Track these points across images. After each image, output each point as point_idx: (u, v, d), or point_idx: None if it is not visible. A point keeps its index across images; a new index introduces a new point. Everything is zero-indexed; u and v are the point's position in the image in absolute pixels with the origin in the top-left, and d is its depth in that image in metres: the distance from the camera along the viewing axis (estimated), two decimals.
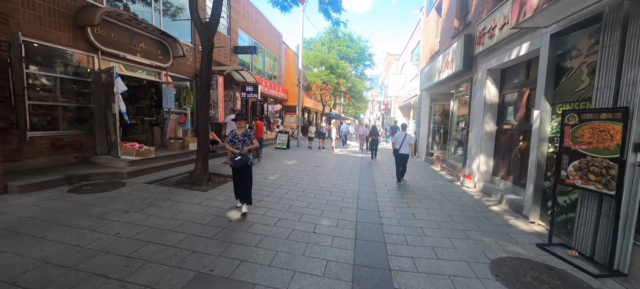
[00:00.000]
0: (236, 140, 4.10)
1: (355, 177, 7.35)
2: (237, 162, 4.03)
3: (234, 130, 4.19)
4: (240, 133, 4.12)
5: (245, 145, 4.07)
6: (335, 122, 15.36)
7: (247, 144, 4.09)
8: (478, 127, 6.35)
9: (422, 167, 9.45)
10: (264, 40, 16.62)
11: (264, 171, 7.41)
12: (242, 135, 4.11)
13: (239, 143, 4.09)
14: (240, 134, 4.12)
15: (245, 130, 4.15)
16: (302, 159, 10.04)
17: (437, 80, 9.00)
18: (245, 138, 4.10)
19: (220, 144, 9.02)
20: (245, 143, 4.08)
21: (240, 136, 4.11)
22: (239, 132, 4.14)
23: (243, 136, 4.10)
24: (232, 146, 4.10)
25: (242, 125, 4.18)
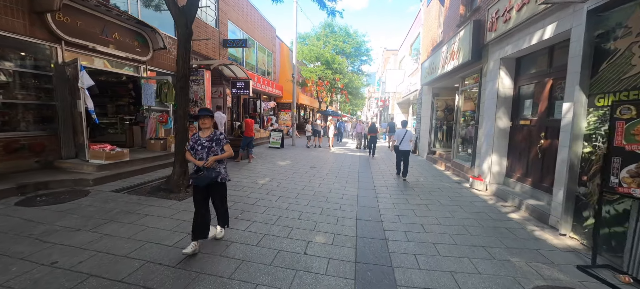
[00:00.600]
0: (198, 147, 2.93)
1: (353, 179, 6.69)
2: (200, 178, 2.82)
3: (197, 134, 3.00)
4: (206, 137, 2.95)
5: (213, 154, 2.90)
6: (331, 119, 14.69)
7: (215, 152, 2.92)
8: (489, 122, 5.72)
9: (425, 166, 8.82)
10: (256, 34, 15.84)
11: (253, 174, 6.72)
12: (208, 139, 2.94)
13: (202, 151, 2.91)
14: (205, 138, 2.95)
15: (212, 133, 2.99)
16: (296, 159, 9.36)
17: (441, 73, 8.35)
18: (211, 144, 2.93)
19: None
20: (213, 151, 2.91)
21: (205, 141, 2.94)
22: (204, 135, 2.97)
23: (209, 141, 2.93)
24: (193, 155, 2.95)
25: (206, 125, 2.96)
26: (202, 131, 3.01)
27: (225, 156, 2.99)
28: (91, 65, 6.54)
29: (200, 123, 2.95)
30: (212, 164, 2.88)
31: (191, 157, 2.97)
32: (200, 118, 2.94)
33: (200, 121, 2.94)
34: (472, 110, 7.61)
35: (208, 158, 2.89)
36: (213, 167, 2.92)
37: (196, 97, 9.41)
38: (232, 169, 7.12)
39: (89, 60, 6.42)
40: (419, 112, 12.30)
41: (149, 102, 7.68)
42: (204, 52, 10.83)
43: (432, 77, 9.39)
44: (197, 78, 9.34)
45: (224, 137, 3.04)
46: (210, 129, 3.02)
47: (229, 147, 3.04)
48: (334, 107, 39.44)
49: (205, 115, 2.95)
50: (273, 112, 18.48)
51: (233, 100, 13.58)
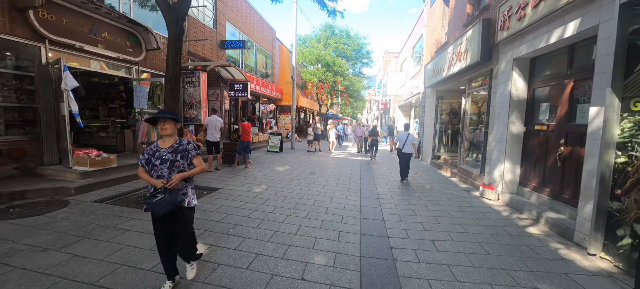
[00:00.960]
0: (157, 161, 2.16)
1: (355, 186, 6.31)
2: (159, 205, 2.08)
3: (155, 144, 2.26)
4: (167, 148, 2.20)
5: (177, 170, 2.17)
6: (332, 122, 14.32)
7: (180, 168, 2.18)
8: (501, 127, 5.35)
9: (429, 172, 8.44)
10: (255, 36, 15.55)
11: (249, 180, 6.35)
12: (170, 150, 2.19)
13: (162, 166, 2.15)
14: (165, 149, 2.19)
15: (177, 142, 2.24)
16: (295, 164, 8.99)
17: (446, 75, 8.00)
18: (175, 156, 2.18)
19: (201, 149, 7.90)
20: (177, 166, 2.17)
21: (166, 152, 2.18)
22: (164, 145, 2.22)
23: (172, 153, 2.18)
24: (148, 171, 2.20)
25: (167, 131, 2.19)
26: (162, 139, 2.24)
27: (195, 172, 2.27)
28: (81, 66, 6.21)
29: (160, 129, 2.17)
30: (176, 184, 2.11)
31: (145, 175, 2.18)
32: (158, 122, 2.17)
33: (158, 126, 2.18)
34: (480, 113, 7.26)
35: (171, 175, 2.13)
36: (177, 188, 2.15)
37: (192, 99, 9.06)
38: (228, 175, 6.75)
39: (77, 61, 6.08)
40: (422, 115, 11.94)
41: (141, 104, 7.33)
42: (200, 53, 10.50)
43: (436, 79, 9.05)
44: (192, 80, 8.99)
45: (193, 147, 2.28)
46: (174, 137, 2.25)
47: (200, 161, 2.29)
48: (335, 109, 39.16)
49: (165, 117, 2.17)
50: (272, 115, 18.15)
51: (231, 103, 13.25)
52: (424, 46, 11.97)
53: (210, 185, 5.74)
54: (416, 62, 15.38)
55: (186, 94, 9.11)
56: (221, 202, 4.67)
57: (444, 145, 9.94)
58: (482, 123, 7.39)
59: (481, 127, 6.97)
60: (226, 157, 8.19)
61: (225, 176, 6.63)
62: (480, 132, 7.14)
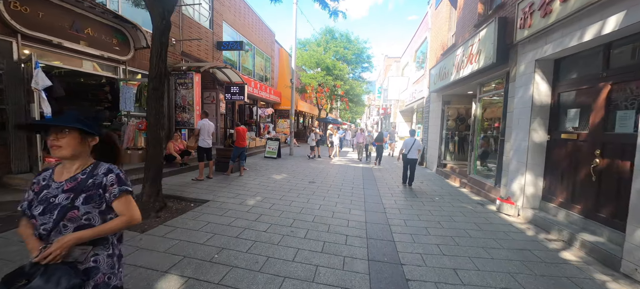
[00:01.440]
0: (41, 205, 1.19)
1: (359, 197, 5.77)
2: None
3: (50, 171, 1.31)
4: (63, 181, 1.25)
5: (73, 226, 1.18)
6: (332, 127, 13.82)
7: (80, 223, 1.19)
8: (521, 135, 4.85)
9: (436, 182, 7.92)
10: (253, 38, 15.11)
11: (243, 191, 5.79)
12: (69, 186, 1.23)
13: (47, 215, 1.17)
14: (59, 184, 1.24)
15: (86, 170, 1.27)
16: (294, 171, 8.44)
17: (454, 78, 7.52)
18: (73, 199, 1.19)
19: (193, 155, 7.33)
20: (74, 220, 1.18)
21: (59, 190, 1.22)
22: (61, 177, 1.27)
23: (69, 192, 1.21)
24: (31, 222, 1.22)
25: (63, 150, 1.22)
26: (62, 165, 1.30)
27: (111, 230, 1.24)
28: (65, 65, 5.70)
29: (51, 146, 1.22)
30: (60, 255, 1.11)
31: (25, 231, 1.23)
32: (49, 135, 1.22)
33: (49, 140, 1.22)
34: (492, 118, 6.77)
35: (57, 237, 1.15)
36: (72, 262, 1.16)
37: (184, 101, 8.54)
38: (220, 185, 6.20)
39: (55, 58, 5.56)
40: (426, 121, 11.46)
41: (128, 106, 6.80)
42: (195, 54, 10.01)
43: (443, 83, 8.58)
44: (185, 82, 8.48)
45: (116, 179, 1.27)
46: (82, 160, 1.29)
47: (129, 206, 1.28)
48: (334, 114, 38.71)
49: (56, 125, 1.23)
50: (270, 119, 17.64)
51: (227, 106, 12.74)
52: (428, 49, 11.54)
53: (198, 196, 5.18)
54: (418, 66, 14.97)
55: (178, 96, 8.59)
56: (208, 218, 4.11)
57: (451, 152, 9.44)
58: (491, 130, 6.91)
59: (496, 135, 6.48)
60: (219, 164, 7.64)
61: (216, 186, 6.08)
62: (492, 140, 6.65)
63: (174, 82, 8.55)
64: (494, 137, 6.53)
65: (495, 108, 6.78)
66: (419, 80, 13.83)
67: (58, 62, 5.69)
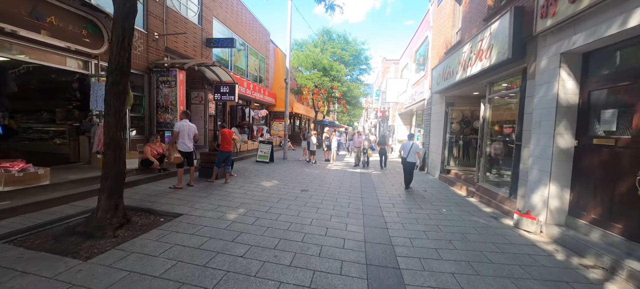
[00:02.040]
0: None
1: (356, 208, 5.10)
2: None
3: None
4: None
5: None
6: (329, 130, 13.16)
7: None
8: (543, 140, 4.23)
9: (440, 190, 7.27)
10: (247, 36, 14.47)
11: (225, 201, 5.09)
12: None
13: None
14: None
15: None
16: (286, 178, 7.75)
17: (460, 78, 6.93)
18: None
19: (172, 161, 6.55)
20: None
21: None
22: None
23: None
24: None
25: None
26: None
27: None
28: (18, 56, 4.99)
29: None
30: None
31: None
32: None
33: None
34: (504, 121, 6.16)
35: None
36: None
37: (167, 101, 7.85)
38: (200, 194, 5.50)
39: (10, 49, 4.85)
40: (428, 124, 10.85)
41: (99, 105, 6.08)
42: (181, 50, 9.33)
43: (446, 83, 7.98)
44: (168, 80, 7.79)
45: None
46: None
47: None
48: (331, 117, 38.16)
49: None
50: (264, 121, 16.95)
51: (217, 107, 12.04)
52: (430, 48, 10.97)
53: (172, 209, 4.48)
54: (418, 67, 14.41)
55: (161, 95, 7.90)
56: (176, 238, 3.41)
57: (455, 157, 8.82)
58: (502, 134, 6.30)
59: (508, 139, 5.86)
60: (204, 170, 6.94)
61: (196, 195, 5.37)
62: (501, 144, 6.03)
63: (156, 80, 7.86)
64: (506, 141, 5.91)
65: (506, 110, 6.18)
66: (419, 81, 13.27)
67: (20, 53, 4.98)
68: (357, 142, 11.20)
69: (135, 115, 7.83)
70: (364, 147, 10.60)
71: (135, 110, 7.82)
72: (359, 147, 11.07)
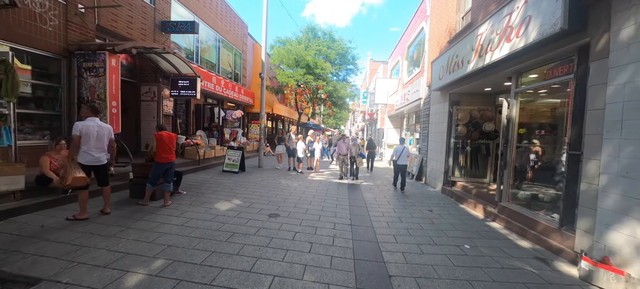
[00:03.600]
0: None
1: (344, 249, 3.43)
2: None
3: None
4: None
5: None
6: (312, 133, 11.46)
7: None
8: (630, 148, 2.75)
9: (449, 210, 5.75)
10: (219, 26, 12.62)
11: (141, 244, 3.27)
12: None
13: None
14: None
15: None
16: (253, 195, 5.98)
17: (474, 67, 5.48)
18: None
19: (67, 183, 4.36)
20: None
21: None
22: None
23: None
24: None
25: None
26: None
27: None
28: None
29: None
30: None
31: None
32: None
33: None
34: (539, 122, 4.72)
35: None
36: None
37: (93, 94, 5.90)
38: (111, 229, 3.64)
39: None
40: (425, 127, 9.42)
41: None
42: (124, 33, 7.39)
43: (453, 76, 6.53)
44: (94, 66, 5.86)
45: None
46: None
47: None
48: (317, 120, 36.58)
49: None
50: (239, 124, 15.06)
51: (177, 106, 10.10)
52: (427, 39, 9.59)
53: (29, 270, 2.61)
54: (411, 63, 13.08)
55: (85, 86, 5.95)
56: None
57: (461, 167, 7.37)
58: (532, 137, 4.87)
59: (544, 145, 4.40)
60: (137, 188, 5.06)
61: (97, 234, 3.51)
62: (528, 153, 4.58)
63: (78, 66, 5.91)
64: (543, 147, 4.46)
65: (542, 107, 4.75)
66: (412, 79, 11.90)
67: None
68: (342, 149, 9.00)
69: (47, 113, 5.84)
70: (353, 155, 8.88)
71: (46, 106, 5.83)
72: (346, 155, 9.00)
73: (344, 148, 8.95)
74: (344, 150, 8.95)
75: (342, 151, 8.98)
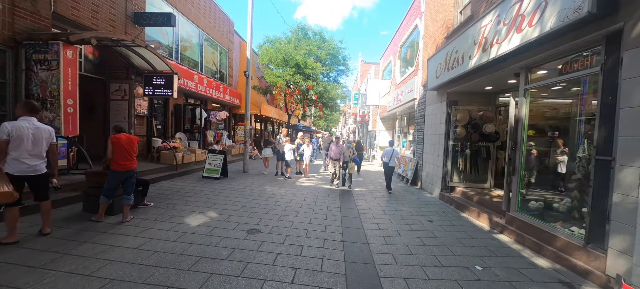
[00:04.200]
0: None
1: (333, 275, 2.80)
2: None
3: None
4: None
5: None
6: (302, 135, 10.82)
7: None
8: None
9: (450, 219, 5.21)
10: (202, 22, 11.85)
11: (76, 279, 2.55)
12: None
13: None
14: None
15: None
16: (232, 205, 5.28)
17: (476, 63, 5.00)
18: None
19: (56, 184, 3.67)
20: None
21: None
22: None
23: None
24: None
25: None
26: None
27: None
28: None
29: None
30: None
31: None
32: None
33: None
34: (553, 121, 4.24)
35: None
36: None
37: (44, 91, 5.09)
38: (42, 257, 2.90)
39: None
40: (420, 128, 8.95)
41: None
42: (88, 23, 6.59)
43: (451, 74, 6.05)
44: (46, 58, 5.06)
45: None
46: None
47: None
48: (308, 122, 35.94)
49: None
50: (225, 126, 14.27)
51: (154, 106, 9.29)
52: (422, 37, 9.13)
53: None
54: (403, 62, 12.65)
55: (35, 82, 5.14)
56: None
57: (460, 171, 6.87)
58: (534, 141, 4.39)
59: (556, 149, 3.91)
60: (91, 200, 4.30)
61: (25, 262, 2.77)
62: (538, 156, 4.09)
63: (25, 57, 5.09)
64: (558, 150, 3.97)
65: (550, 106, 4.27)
66: (405, 79, 11.45)
67: None
68: (334, 153, 8.23)
69: None
70: (346, 159, 8.21)
71: None
72: (338, 159, 8.24)
73: (336, 152, 8.32)
74: (336, 153, 8.32)
75: (334, 156, 8.34)
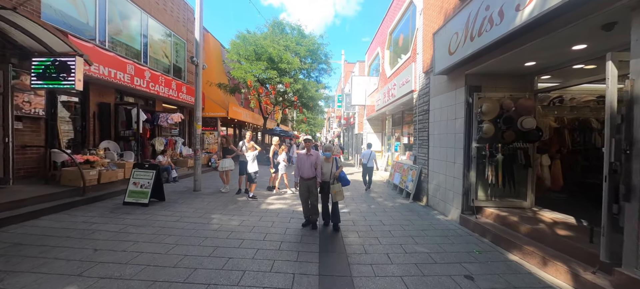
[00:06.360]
0: None
1: None
2: None
3: None
4: None
5: None
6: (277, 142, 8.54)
7: None
8: None
9: (493, 266, 3.15)
10: (144, 0, 9.38)
11: None
12: None
13: None
14: None
15: None
16: (126, 267, 2.93)
17: (536, 13, 3.03)
18: None
19: None
20: None
21: None
22: None
23: None
24: None
25: None
26: None
27: None
28: None
29: None
30: None
31: None
32: None
33: None
34: None
35: None
36: None
37: None
38: None
39: None
40: (423, 127, 6.98)
41: None
42: None
43: (479, 43, 4.09)
44: None
45: None
46: None
47: None
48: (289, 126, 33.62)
49: None
50: (178, 131, 11.73)
51: (55, 102, 6.74)
52: (420, 11, 7.21)
53: None
54: (395, 51, 10.78)
55: None
56: None
57: (489, 184, 4.86)
58: None
59: None
60: None
61: None
62: None
63: None
64: None
65: None
66: (399, 69, 9.54)
67: None
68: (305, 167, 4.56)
69: None
70: (326, 179, 4.57)
71: None
72: (311, 178, 4.56)
73: (307, 167, 4.58)
74: (308, 170, 4.58)
75: (305, 173, 4.58)
